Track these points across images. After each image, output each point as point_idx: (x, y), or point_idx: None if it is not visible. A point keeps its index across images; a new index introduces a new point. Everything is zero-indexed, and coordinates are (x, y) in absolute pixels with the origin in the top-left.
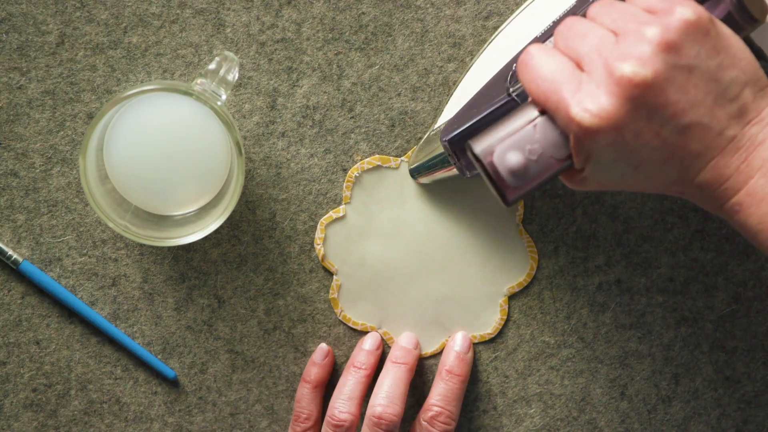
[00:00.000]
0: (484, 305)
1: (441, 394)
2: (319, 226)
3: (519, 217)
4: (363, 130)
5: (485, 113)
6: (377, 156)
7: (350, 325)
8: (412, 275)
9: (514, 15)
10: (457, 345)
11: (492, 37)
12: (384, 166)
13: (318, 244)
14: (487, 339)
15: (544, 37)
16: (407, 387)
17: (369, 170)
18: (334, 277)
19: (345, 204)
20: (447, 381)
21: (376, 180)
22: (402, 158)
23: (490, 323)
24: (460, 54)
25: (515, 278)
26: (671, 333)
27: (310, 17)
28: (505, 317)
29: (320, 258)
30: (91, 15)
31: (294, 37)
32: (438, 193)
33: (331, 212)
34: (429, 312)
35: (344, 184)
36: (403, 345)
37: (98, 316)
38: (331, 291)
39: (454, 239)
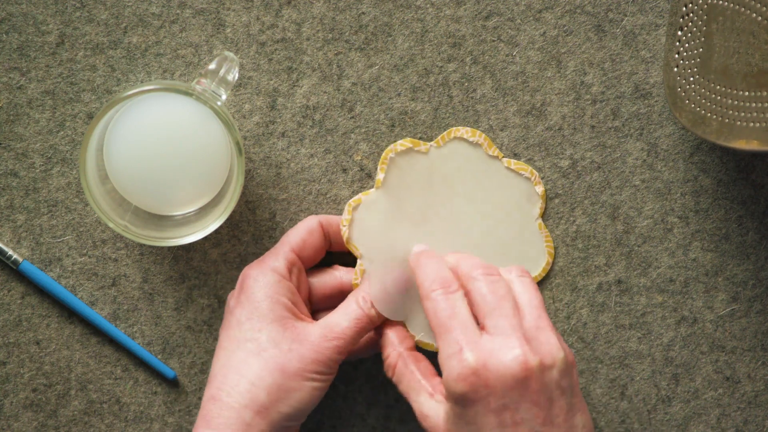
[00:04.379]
0: (527, 247)
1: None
2: (346, 208)
3: (540, 210)
4: (363, 130)
5: None
6: (408, 139)
7: None
8: None
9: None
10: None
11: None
12: (414, 149)
13: (344, 226)
14: (546, 272)
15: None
16: None
17: (401, 153)
18: (359, 261)
19: (377, 188)
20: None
21: (407, 164)
22: (432, 143)
23: (539, 262)
24: (460, 54)
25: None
26: (671, 333)
27: (310, 17)
28: (551, 242)
29: (345, 240)
30: (91, 15)
31: (294, 37)
32: (464, 180)
33: (360, 195)
34: None
35: (378, 166)
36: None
37: (98, 316)
38: (354, 276)
39: (476, 229)
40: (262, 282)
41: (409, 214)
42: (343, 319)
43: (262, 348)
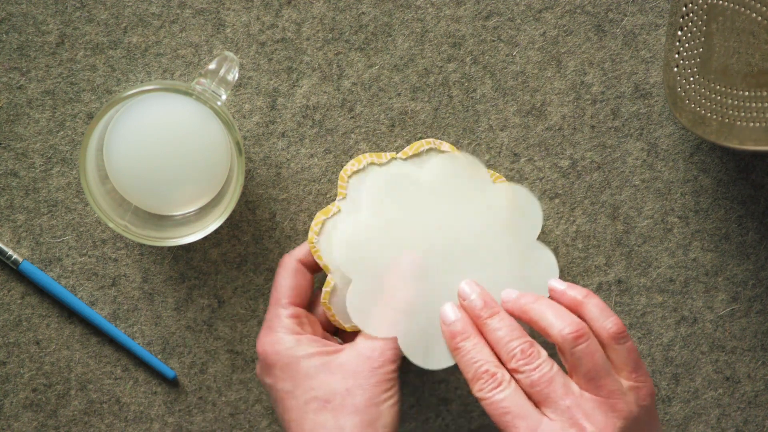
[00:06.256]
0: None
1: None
2: (313, 224)
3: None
4: (363, 130)
5: None
6: (367, 154)
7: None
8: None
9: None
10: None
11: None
12: (377, 163)
13: (313, 243)
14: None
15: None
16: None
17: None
18: (329, 276)
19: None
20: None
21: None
22: (399, 155)
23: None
24: (460, 54)
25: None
26: (671, 333)
27: (310, 17)
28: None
29: (317, 257)
30: (91, 15)
31: (294, 37)
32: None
33: (323, 215)
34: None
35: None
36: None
37: (98, 316)
38: (323, 297)
39: (449, 224)
40: (283, 349)
41: (380, 226)
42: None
43: (325, 401)
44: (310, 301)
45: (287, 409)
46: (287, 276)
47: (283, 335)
